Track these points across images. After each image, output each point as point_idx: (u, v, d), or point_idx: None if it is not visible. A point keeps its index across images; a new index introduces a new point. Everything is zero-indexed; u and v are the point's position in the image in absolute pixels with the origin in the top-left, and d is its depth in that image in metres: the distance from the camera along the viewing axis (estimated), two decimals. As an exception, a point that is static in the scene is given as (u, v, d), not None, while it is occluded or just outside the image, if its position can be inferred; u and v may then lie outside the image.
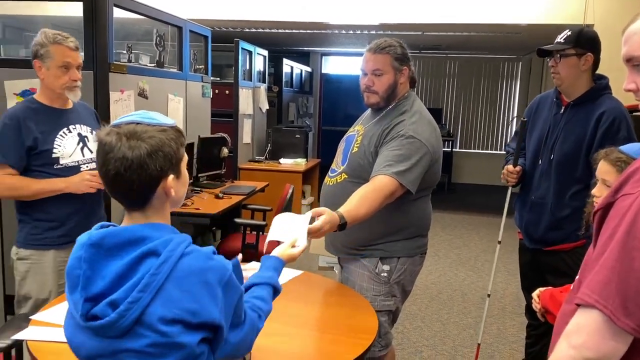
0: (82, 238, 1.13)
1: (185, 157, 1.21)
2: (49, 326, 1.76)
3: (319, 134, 10.00)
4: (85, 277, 1.09)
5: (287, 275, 2.38)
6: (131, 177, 1.10)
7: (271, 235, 1.75)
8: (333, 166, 2.34)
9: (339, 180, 2.23)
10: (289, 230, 1.72)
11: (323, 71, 10.28)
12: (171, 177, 1.14)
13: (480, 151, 10.17)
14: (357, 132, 2.29)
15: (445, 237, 6.23)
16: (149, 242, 1.10)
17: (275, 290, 1.45)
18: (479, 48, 8.87)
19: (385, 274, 2.21)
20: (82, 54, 2.39)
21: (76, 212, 2.32)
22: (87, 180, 2.28)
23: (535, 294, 1.87)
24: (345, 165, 2.23)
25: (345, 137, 2.38)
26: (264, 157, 6.18)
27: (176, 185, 1.17)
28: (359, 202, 1.99)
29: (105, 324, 1.05)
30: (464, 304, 4.22)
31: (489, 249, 5.72)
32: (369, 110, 2.35)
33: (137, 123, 1.13)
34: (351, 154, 2.22)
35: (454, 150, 9.94)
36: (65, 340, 1.18)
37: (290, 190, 3.83)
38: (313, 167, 6.44)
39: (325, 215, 1.88)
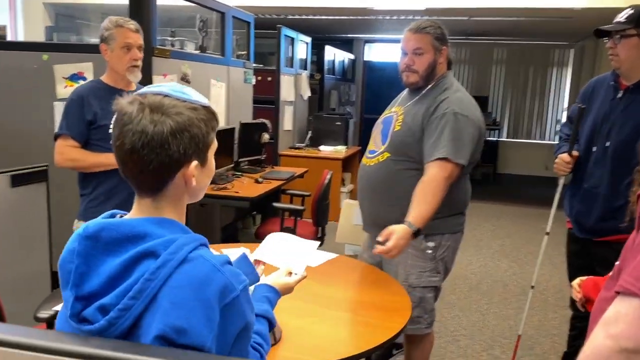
0: (80, 228, 0.98)
1: (215, 144, 1.05)
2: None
3: (361, 121, 9.94)
4: (77, 273, 0.94)
5: (321, 257, 2.38)
6: (148, 156, 0.94)
7: (260, 252, 1.54)
8: (371, 148, 2.36)
9: (380, 160, 2.25)
10: (286, 253, 1.52)
11: (366, 58, 10.20)
12: (195, 163, 0.98)
13: (527, 141, 9.88)
14: (396, 113, 2.30)
15: (488, 228, 6.10)
16: (149, 240, 0.93)
17: (271, 325, 1.26)
18: (528, 34, 8.59)
19: (431, 251, 2.23)
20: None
21: (128, 186, 2.39)
22: None
23: (575, 283, 1.80)
24: (386, 145, 2.24)
25: (381, 119, 2.39)
26: (304, 144, 6.20)
27: (199, 175, 1.01)
28: (421, 201, 2.06)
29: (95, 331, 0.91)
30: (504, 295, 4.13)
31: (534, 241, 5.56)
32: (405, 93, 2.37)
33: (166, 95, 0.97)
34: (393, 133, 2.24)
35: (499, 139, 9.70)
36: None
37: (328, 176, 3.83)
38: (353, 154, 6.41)
39: (396, 233, 1.98)
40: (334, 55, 8.18)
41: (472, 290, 4.19)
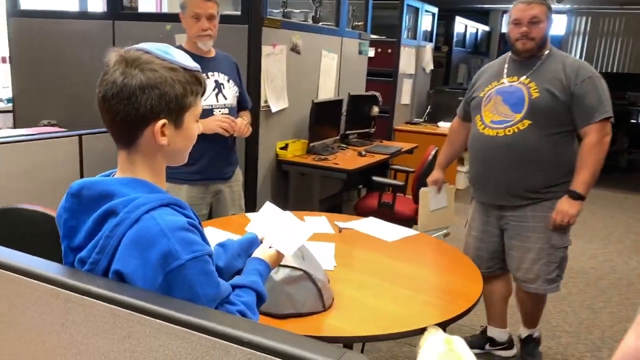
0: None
1: (196, 110, 1.07)
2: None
3: (492, 98, 9.36)
4: (67, 227, 1.04)
5: (400, 232, 2.32)
6: (117, 106, 0.99)
7: (254, 222, 1.44)
8: (494, 118, 2.39)
9: (521, 128, 2.31)
10: (274, 227, 1.39)
11: (503, 30, 9.54)
12: (163, 122, 1.01)
13: (690, 126, 8.61)
14: (520, 82, 2.36)
15: (622, 220, 5.47)
16: (115, 199, 0.99)
17: (260, 298, 1.19)
18: (700, 2, 7.42)
19: None
20: (214, 4, 2.52)
21: (207, 152, 2.54)
22: (219, 121, 2.50)
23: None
24: (525, 113, 2.30)
25: (493, 90, 2.42)
26: (422, 119, 6.02)
27: (173, 136, 1.04)
28: (581, 166, 2.28)
29: None
30: (627, 294, 3.70)
31: (677, 239, 4.89)
32: (506, 64, 2.44)
33: (147, 52, 1.01)
34: (533, 100, 2.30)
35: (654, 123, 8.58)
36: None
37: (433, 152, 3.68)
38: (475, 132, 6.09)
39: (560, 205, 2.29)
40: (464, 26, 7.78)
41: (589, 286, 3.81)
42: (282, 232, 1.36)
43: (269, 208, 1.45)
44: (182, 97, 1.02)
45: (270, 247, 1.32)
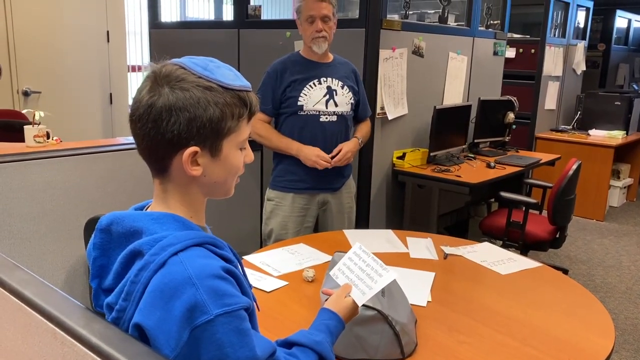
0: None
1: (239, 136, 0.90)
2: (251, 268, 1.86)
3: (662, 102, 8.12)
4: (97, 266, 0.92)
5: (518, 264, 1.99)
6: (142, 129, 0.86)
7: (338, 267, 1.27)
8: None
9: None
10: (354, 272, 1.22)
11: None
12: (193, 150, 0.86)
13: None
14: None
15: None
16: (144, 237, 0.87)
17: None
18: None
19: None
20: (331, 6, 2.40)
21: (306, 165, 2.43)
22: (316, 157, 2.38)
23: None
24: None
25: None
26: (570, 127, 5.36)
27: (208, 166, 0.89)
28: None
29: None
30: None
31: None
32: None
33: (182, 67, 0.87)
34: None
35: None
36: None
37: (574, 166, 3.18)
38: (634, 142, 5.28)
39: None
40: (627, 21, 6.82)
41: None
42: (361, 278, 1.17)
43: (357, 251, 1.26)
44: (218, 122, 0.87)
45: (347, 296, 1.14)
